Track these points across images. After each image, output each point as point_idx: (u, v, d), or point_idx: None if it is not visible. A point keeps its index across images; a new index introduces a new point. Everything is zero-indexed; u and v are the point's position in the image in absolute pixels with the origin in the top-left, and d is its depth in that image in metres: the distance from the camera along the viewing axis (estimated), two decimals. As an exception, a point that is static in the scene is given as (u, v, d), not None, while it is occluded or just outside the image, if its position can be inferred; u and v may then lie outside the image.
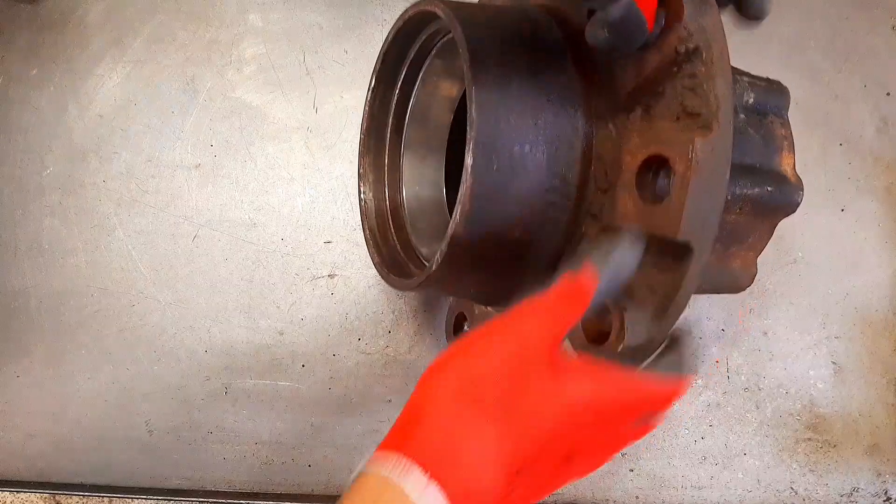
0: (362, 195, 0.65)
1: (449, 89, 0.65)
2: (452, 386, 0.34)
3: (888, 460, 0.70)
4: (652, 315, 0.42)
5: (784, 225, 0.74)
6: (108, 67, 0.83)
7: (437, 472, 0.32)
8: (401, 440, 0.34)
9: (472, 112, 0.43)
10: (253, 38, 0.82)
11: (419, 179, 0.66)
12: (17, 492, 0.73)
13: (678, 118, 0.41)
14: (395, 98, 0.65)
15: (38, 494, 0.73)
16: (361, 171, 0.66)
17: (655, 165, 0.42)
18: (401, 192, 0.66)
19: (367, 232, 0.64)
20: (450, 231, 0.44)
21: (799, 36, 0.78)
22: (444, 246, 0.45)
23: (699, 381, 0.71)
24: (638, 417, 0.37)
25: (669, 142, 0.41)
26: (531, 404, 0.33)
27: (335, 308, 0.76)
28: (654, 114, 0.43)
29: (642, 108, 0.44)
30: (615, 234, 0.39)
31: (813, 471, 0.70)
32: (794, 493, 0.70)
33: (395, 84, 0.64)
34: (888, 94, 0.76)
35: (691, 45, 0.40)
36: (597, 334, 0.45)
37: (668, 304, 0.41)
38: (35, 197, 0.81)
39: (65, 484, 0.74)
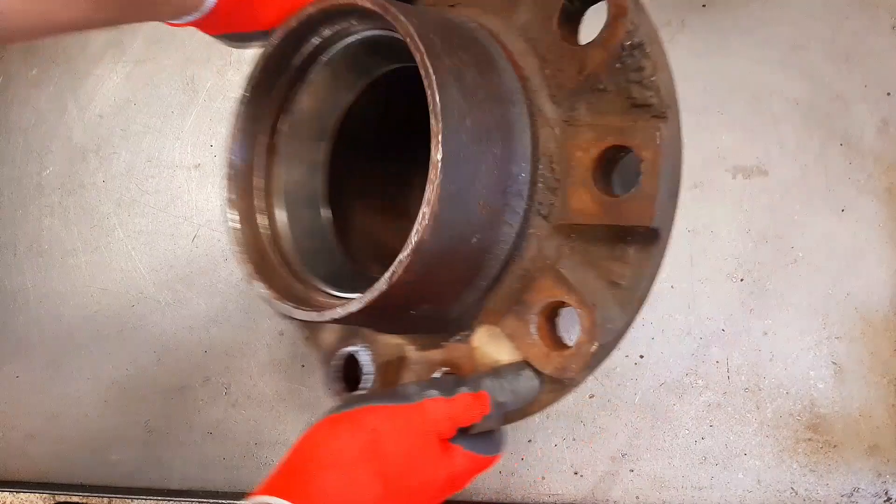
0: (231, 223, 0.51)
1: (334, 102, 0.56)
2: (359, 443, 0.39)
3: (888, 461, 0.70)
4: (619, 309, 0.43)
5: (784, 225, 0.74)
6: (107, 67, 0.83)
7: None
8: (290, 487, 0.38)
9: (436, 102, 0.40)
10: (253, 38, 0.82)
11: (300, 202, 0.56)
12: (18, 492, 0.73)
13: (626, 111, 0.42)
14: (273, 111, 0.54)
15: (37, 494, 0.73)
16: (231, 196, 0.52)
17: (608, 159, 0.43)
18: (276, 218, 0.54)
19: (252, 267, 0.48)
20: (414, 237, 0.39)
21: (799, 36, 0.78)
22: (404, 256, 0.39)
23: (700, 382, 0.71)
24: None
25: (628, 132, 0.41)
26: (424, 474, 0.41)
27: (335, 308, 0.76)
28: (600, 109, 0.44)
29: (586, 104, 0.45)
30: (516, 373, 0.45)
31: (813, 471, 0.70)
32: (794, 494, 0.70)
33: (271, 94, 0.54)
34: (888, 94, 0.76)
35: (637, 40, 0.41)
36: (558, 343, 0.45)
37: (634, 293, 0.43)
38: (35, 197, 0.81)
39: (65, 484, 0.74)
